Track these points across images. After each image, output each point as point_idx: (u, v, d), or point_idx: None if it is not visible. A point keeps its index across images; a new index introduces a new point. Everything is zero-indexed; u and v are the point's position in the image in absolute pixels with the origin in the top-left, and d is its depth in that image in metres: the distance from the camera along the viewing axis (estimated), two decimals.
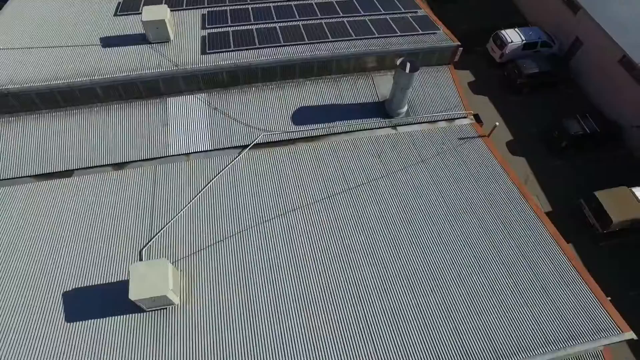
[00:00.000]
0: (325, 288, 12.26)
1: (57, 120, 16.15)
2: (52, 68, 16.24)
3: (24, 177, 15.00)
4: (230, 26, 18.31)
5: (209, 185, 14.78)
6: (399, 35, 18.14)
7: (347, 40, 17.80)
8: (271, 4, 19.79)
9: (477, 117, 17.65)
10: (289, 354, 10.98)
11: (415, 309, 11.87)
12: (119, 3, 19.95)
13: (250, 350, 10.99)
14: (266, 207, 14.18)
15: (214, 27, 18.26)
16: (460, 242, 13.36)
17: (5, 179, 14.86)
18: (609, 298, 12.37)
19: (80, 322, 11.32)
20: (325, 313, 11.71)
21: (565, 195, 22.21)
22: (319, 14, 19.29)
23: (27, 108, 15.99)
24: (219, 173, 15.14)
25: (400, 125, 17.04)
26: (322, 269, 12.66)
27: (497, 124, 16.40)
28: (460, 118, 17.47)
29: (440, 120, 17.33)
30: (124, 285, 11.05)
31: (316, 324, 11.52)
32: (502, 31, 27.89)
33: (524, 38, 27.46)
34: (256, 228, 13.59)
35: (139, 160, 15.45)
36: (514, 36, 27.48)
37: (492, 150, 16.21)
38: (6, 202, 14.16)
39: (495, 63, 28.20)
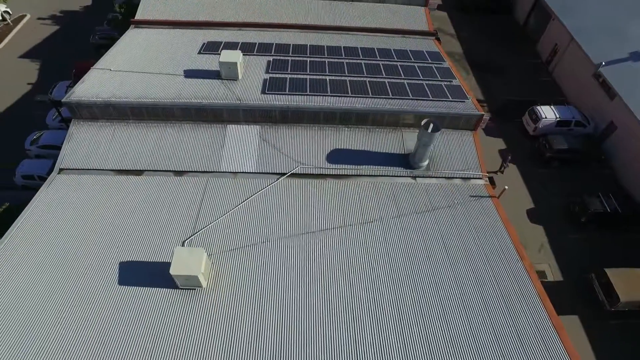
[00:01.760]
0: (330, 301, 14.43)
1: (140, 129, 20.04)
2: (144, 89, 20.37)
3: (106, 169, 18.75)
4: (288, 73, 21.88)
5: (248, 200, 17.71)
6: (430, 100, 20.82)
7: (385, 98, 20.71)
8: (326, 59, 23.31)
9: (491, 180, 19.59)
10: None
11: (396, 337, 13.69)
12: (204, 44, 24.32)
13: (254, 338, 13.30)
14: (291, 225, 16.81)
15: (275, 73, 21.90)
16: (451, 287, 15.08)
17: (93, 169, 18.68)
18: None
19: (129, 287, 14.32)
20: (325, 326, 13.84)
21: (578, 268, 23.02)
22: (365, 72, 22.49)
23: (120, 117, 20.06)
24: (257, 192, 18.08)
25: (420, 177, 19.33)
26: (330, 285, 14.88)
27: (507, 187, 18.27)
28: (475, 178, 19.49)
29: (456, 178, 19.45)
30: (167, 266, 13.90)
31: (316, 336, 13.66)
32: (538, 106, 29.81)
33: (558, 115, 29.17)
34: (280, 241, 16.19)
35: (196, 171, 18.79)
36: (548, 112, 29.29)
37: (498, 210, 18.01)
38: (91, 186, 17.91)
39: (529, 135, 29.94)
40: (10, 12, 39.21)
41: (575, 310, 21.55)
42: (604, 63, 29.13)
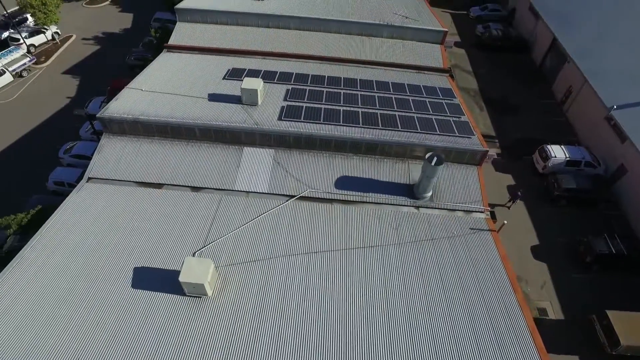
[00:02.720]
0: (324, 319, 15.23)
1: (163, 146, 21.66)
2: (171, 109, 22.11)
3: (130, 181, 20.31)
4: (305, 102, 23.33)
5: (257, 218, 18.86)
6: (437, 134, 21.83)
7: (394, 130, 21.83)
8: (341, 91, 24.74)
9: (492, 214, 20.23)
10: None
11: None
12: (229, 70, 26.17)
13: (251, 348, 14.17)
14: (296, 245, 17.81)
15: (292, 101, 23.39)
16: (443, 316, 15.63)
17: (118, 180, 20.27)
18: None
19: (141, 290, 15.54)
20: (320, 341, 14.63)
21: (580, 308, 23.02)
22: (377, 105, 23.76)
23: (146, 134, 21.77)
24: (267, 211, 19.23)
25: (423, 207, 20.16)
26: (326, 305, 15.70)
27: (505, 222, 18.90)
28: (477, 212, 20.18)
29: (458, 210, 20.19)
30: (178, 273, 15.04)
31: (310, 351, 14.46)
32: (548, 146, 30.35)
33: (568, 155, 29.64)
34: (283, 259, 17.18)
35: (211, 188, 20.14)
36: (558, 152, 29.79)
37: (497, 244, 18.59)
38: (115, 195, 19.45)
39: (538, 173, 30.39)
40: (59, 33, 42.69)
41: (575, 350, 21.52)
42: (615, 106, 29.64)
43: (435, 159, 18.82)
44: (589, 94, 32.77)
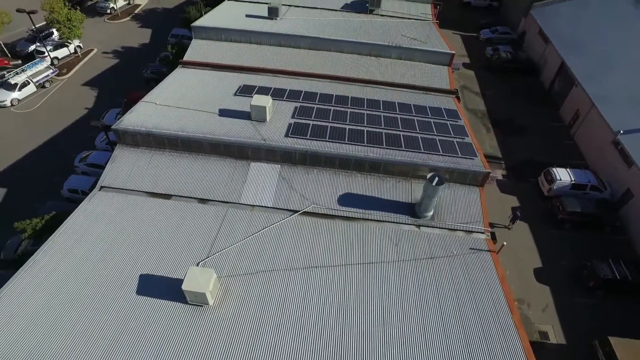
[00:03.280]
0: (321, 334, 15.55)
1: (173, 158, 22.45)
2: (182, 123, 22.97)
3: (140, 191, 21.07)
4: (312, 120, 24.01)
5: (261, 231, 19.38)
6: (440, 154, 22.24)
7: (397, 149, 22.32)
8: (348, 110, 25.41)
9: (493, 235, 20.44)
10: None
11: None
12: (240, 86, 27.10)
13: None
14: (297, 259, 18.25)
15: (300, 118, 24.10)
16: (438, 335, 15.76)
17: (129, 189, 21.05)
18: None
19: (145, 297, 16.10)
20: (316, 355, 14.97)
21: (582, 333, 22.87)
22: (383, 124, 24.32)
23: (158, 146, 22.62)
24: (271, 225, 19.76)
25: (423, 226, 20.47)
26: (323, 319, 16.03)
27: (505, 243, 19.06)
28: (477, 232, 20.41)
29: (459, 230, 20.45)
30: (180, 282, 15.56)
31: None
32: (554, 168, 30.50)
33: (573, 178, 29.72)
34: (284, 272, 17.62)
35: (218, 201, 20.77)
36: (563, 175, 29.90)
37: (496, 265, 18.76)
38: (125, 205, 20.20)
39: (543, 196, 30.48)
40: (82, 47, 44.56)
41: None
42: (622, 131, 29.77)
43: (436, 179, 19.20)
44: (596, 118, 32.95)
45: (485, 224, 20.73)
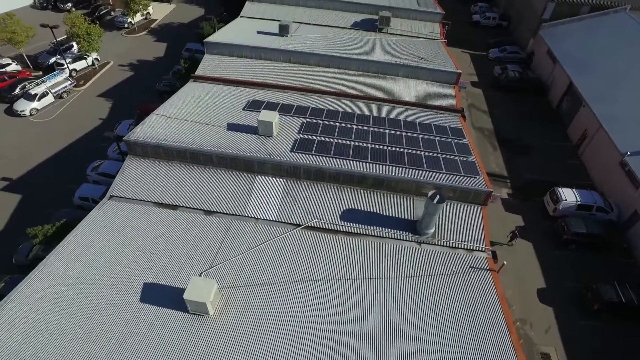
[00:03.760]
0: (318, 346, 15.76)
1: (181, 170, 23.08)
2: (191, 136, 23.65)
3: (148, 201, 21.66)
4: (317, 136, 24.52)
5: (264, 244, 19.76)
6: (443, 173, 22.50)
7: (401, 167, 22.65)
8: (354, 126, 25.88)
9: (494, 254, 20.49)
10: None
11: None
12: (249, 101, 27.82)
13: None
14: (298, 272, 18.54)
15: (306, 134, 24.63)
16: (434, 353, 15.87)
17: (137, 199, 21.66)
18: None
19: (148, 304, 16.55)
20: None
21: (586, 356, 22.60)
22: (387, 142, 24.71)
23: (167, 158, 23.29)
24: (273, 238, 20.13)
25: (424, 243, 20.64)
26: (320, 331, 16.26)
27: (505, 263, 19.11)
28: (478, 251, 20.51)
29: (460, 248, 20.56)
30: (183, 292, 15.96)
31: None
32: (560, 188, 30.44)
33: (579, 199, 29.61)
34: (285, 285, 17.91)
35: (223, 213, 21.25)
36: (569, 195, 29.82)
37: (495, 285, 18.80)
38: (133, 214, 20.79)
39: (549, 216, 30.38)
40: (99, 59, 46.11)
41: None
42: (629, 152, 29.70)
43: (437, 197, 19.43)
44: (603, 139, 32.93)
45: (486, 242, 20.82)
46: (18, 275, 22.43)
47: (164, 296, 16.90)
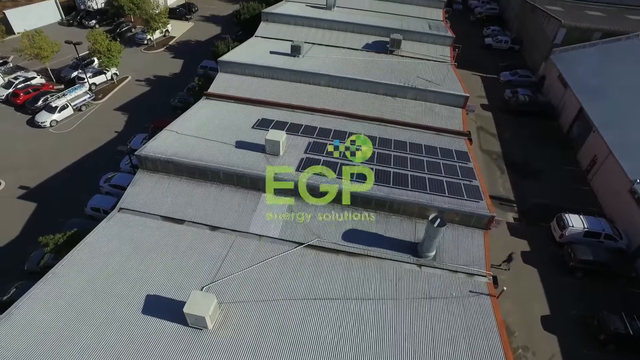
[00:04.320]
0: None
1: (189, 185, 23.71)
2: (200, 152, 24.35)
3: (156, 215, 22.28)
4: (323, 156, 24.98)
5: (265, 261, 20.11)
6: (445, 196, 22.67)
7: (404, 189, 22.91)
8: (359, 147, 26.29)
9: (494, 279, 20.44)
10: None
11: None
12: (258, 120, 28.54)
13: None
14: (298, 290, 18.80)
15: (312, 154, 25.12)
16: None
17: (145, 212, 22.30)
18: None
19: (149, 316, 16.99)
20: None
21: None
22: (392, 164, 25.03)
23: (176, 173, 23.99)
24: (275, 255, 20.47)
25: (425, 266, 20.72)
26: (316, 350, 16.41)
27: (505, 288, 19.03)
28: (478, 275, 20.48)
29: (460, 272, 20.57)
30: (184, 305, 16.34)
31: None
32: (566, 214, 30.22)
33: (586, 226, 29.34)
34: (284, 302, 18.17)
35: (227, 229, 21.71)
36: (576, 221, 29.56)
37: (495, 310, 18.72)
38: (141, 227, 21.42)
39: (555, 242, 30.10)
40: (118, 74, 47.85)
41: None
42: (639, 180, 29.44)
43: (438, 220, 19.59)
44: (613, 165, 32.72)
45: (487, 267, 20.79)
46: (28, 281, 23.15)
47: (165, 309, 17.30)
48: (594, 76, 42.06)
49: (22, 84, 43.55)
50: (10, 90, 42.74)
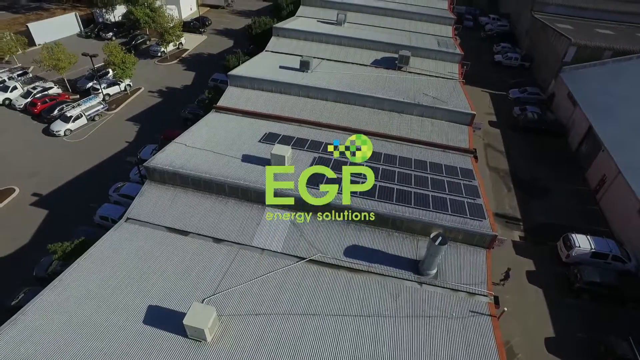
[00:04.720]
0: None
1: (195, 197, 24.13)
2: (207, 165, 24.81)
3: (162, 225, 22.69)
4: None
5: (267, 274, 20.30)
6: (448, 214, 22.70)
7: (407, 206, 23.00)
8: (364, 163, 26.50)
9: (496, 299, 20.30)
10: None
11: None
12: (265, 134, 28.99)
13: None
14: (298, 304, 18.92)
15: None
16: None
17: (151, 223, 22.73)
18: None
19: (149, 326, 17.25)
20: None
21: None
22: (396, 180, 25.17)
23: (182, 185, 24.46)
24: (277, 269, 20.66)
25: (426, 284, 20.69)
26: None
27: (506, 309, 18.89)
28: (480, 295, 20.37)
29: (461, 291, 20.49)
30: (184, 316, 16.58)
31: None
32: (573, 234, 29.87)
33: (594, 246, 28.95)
34: (283, 316, 18.30)
35: (230, 241, 22.00)
36: (583, 242, 29.20)
37: (495, 330, 18.58)
38: (146, 237, 21.85)
39: (561, 262, 29.72)
40: (131, 85, 49.06)
41: None
42: None
43: (439, 238, 19.63)
44: (622, 186, 32.37)
45: (488, 286, 20.69)
46: (36, 287, 23.65)
47: (166, 320, 17.55)
48: (604, 95, 41.83)
49: (40, 94, 44.88)
50: (29, 99, 44.08)
